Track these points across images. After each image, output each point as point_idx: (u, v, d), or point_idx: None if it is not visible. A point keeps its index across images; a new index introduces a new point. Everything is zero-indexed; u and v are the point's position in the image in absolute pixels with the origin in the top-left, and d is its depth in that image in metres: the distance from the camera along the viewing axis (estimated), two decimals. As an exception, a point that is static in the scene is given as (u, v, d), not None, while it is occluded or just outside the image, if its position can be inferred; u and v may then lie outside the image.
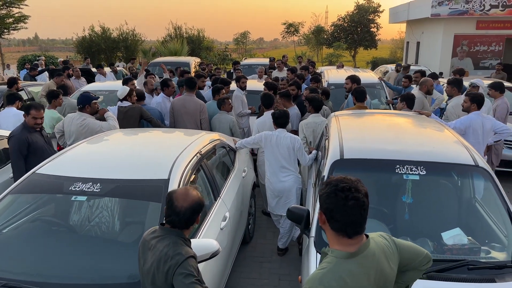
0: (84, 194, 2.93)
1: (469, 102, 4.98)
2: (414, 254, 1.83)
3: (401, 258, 1.78)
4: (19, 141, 4.24)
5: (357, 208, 1.59)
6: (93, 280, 2.48)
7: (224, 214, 3.66)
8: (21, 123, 4.43)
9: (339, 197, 1.59)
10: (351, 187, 1.61)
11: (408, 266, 1.83)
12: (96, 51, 24.37)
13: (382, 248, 1.71)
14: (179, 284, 1.93)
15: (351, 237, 1.63)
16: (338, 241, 1.65)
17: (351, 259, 1.61)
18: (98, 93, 6.34)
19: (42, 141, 4.44)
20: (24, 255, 2.77)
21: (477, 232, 2.98)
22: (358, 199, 1.59)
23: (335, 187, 1.62)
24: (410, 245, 1.85)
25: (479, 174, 3.16)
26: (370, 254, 1.65)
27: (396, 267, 1.75)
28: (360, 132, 4.05)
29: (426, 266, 1.87)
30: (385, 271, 1.68)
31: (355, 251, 1.62)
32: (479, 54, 18.30)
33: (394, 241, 1.80)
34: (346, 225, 1.61)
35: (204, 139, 4.09)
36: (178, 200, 2.08)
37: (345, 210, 1.59)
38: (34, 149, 4.31)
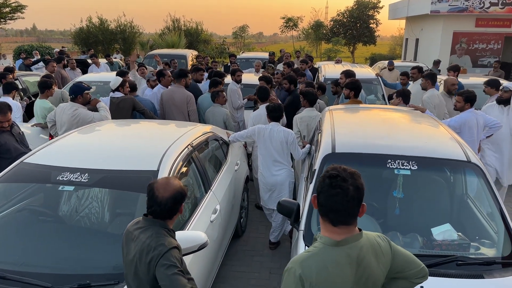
0: (72, 184, 2.89)
1: (463, 102, 4.98)
2: (408, 263, 1.82)
3: (394, 263, 1.78)
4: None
5: (340, 197, 1.60)
6: (77, 270, 2.45)
7: (215, 207, 3.63)
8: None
9: (326, 183, 1.64)
10: (338, 175, 1.63)
11: (400, 273, 1.82)
12: (94, 43, 24.23)
13: (372, 245, 1.71)
14: (161, 275, 1.90)
15: (335, 225, 1.65)
16: (326, 227, 1.68)
17: (336, 247, 1.64)
18: (91, 84, 6.28)
19: (12, 141, 4.12)
20: (10, 244, 2.74)
21: (467, 228, 2.97)
22: (342, 188, 1.61)
23: (326, 173, 1.67)
24: (407, 254, 1.84)
25: (471, 170, 3.14)
26: (358, 247, 1.66)
27: (385, 269, 1.75)
28: (353, 126, 4.02)
29: (419, 280, 1.86)
30: (371, 267, 1.68)
31: (341, 240, 1.64)
32: (478, 52, 18.26)
33: (390, 244, 1.80)
34: (328, 211, 1.64)
35: (196, 132, 4.05)
36: (159, 190, 2.05)
37: (328, 195, 1.63)
38: (4, 150, 4.00)
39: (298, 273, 1.60)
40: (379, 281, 1.73)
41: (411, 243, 2.82)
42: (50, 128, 4.92)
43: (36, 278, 2.35)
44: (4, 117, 4.08)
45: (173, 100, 5.77)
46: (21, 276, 2.37)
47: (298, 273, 1.60)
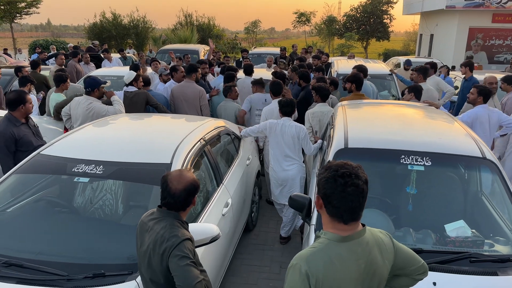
0: (87, 176, 2.94)
1: (476, 94, 4.92)
2: (410, 260, 1.81)
3: (396, 259, 1.76)
4: (5, 138, 3.87)
5: (356, 195, 1.57)
6: (92, 260, 2.50)
7: (227, 201, 3.66)
8: (5, 117, 4.03)
9: (339, 183, 1.57)
10: (351, 173, 1.58)
11: (402, 270, 1.81)
12: (107, 38, 24.47)
13: (377, 240, 1.69)
14: (174, 266, 1.93)
15: (346, 223, 1.61)
16: (333, 225, 1.64)
17: (343, 242, 1.60)
18: (105, 78, 6.35)
19: (29, 134, 4.06)
20: (27, 234, 2.80)
21: (481, 225, 2.93)
22: (358, 186, 1.57)
23: (335, 172, 1.59)
24: (408, 250, 1.83)
25: (486, 167, 3.10)
26: (364, 242, 1.63)
27: (389, 265, 1.73)
28: (366, 121, 4.00)
29: (420, 276, 1.85)
30: (377, 262, 1.66)
31: (347, 235, 1.61)
32: (494, 48, 17.95)
33: (392, 240, 1.78)
34: (343, 211, 1.59)
35: (209, 126, 4.07)
36: (172, 182, 2.07)
37: (343, 196, 1.56)
38: (22, 144, 3.95)
39: (304, 269, 1.56)
40: (385, 277, 1.71)
41: (424, 239, 2.81)
42: (65, 122, 5.00)
43: (52, 267, 2.41)
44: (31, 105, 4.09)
45: (184, 96, 5.79)
46: (38, 264, 2.42)
47: (304, 270, 1.56)
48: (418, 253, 2.55)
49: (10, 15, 24.93)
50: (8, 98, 4.03)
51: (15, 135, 3.92)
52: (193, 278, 1.90)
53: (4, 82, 7.64)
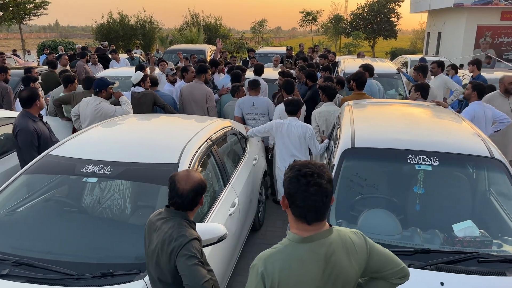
0: (95, 176, 2.97)
1: (471, 90, 5.05)
2: (386, 262, 1.72)
3: (370, 261, 1.69)
4: (30, 133, 3.97)
5: (319, 195, 1.54)
6: (100, 259, 2.53)
7: (233, 201, 3.67)
8: (21, 115, 4.11)
9: (301, 183, 1.55)
10: (313, 173, 1.55)
11: (377, 273, 1.73)
12: (114, 38, 24.62)
13: (344, 242, 1.64)
14: (182, 265, 1.94)
15: (310, 224, 1.58)
16: (297, 226, 1.61)
17: (303, 244, 1.57)
18: (113, 79, 6.41)
19: (47, 131, 4.21)
20: (37, 234, 2.84)
21: (490, 225, 2.91)
22: (321, 185, 1.54)
23: (298, 172, 1.57)
24: (386, 252, 1.75)
25: (494, 166, 3.07)
26: (326, 243, 1.59)
27: (359, 268, 1.66)
28: (373, 121, 3.98)
29: (399, 280, 1.75)
30: (341, 265, 1.61)
31: (307, 236, 1.58)
32: (503, 46, 17.76)
33: (366, 242, 1.71)
34: (307, 211, 1.56)
35: (215, 126, 4.09)
36: (180, 182, 2.09)
37: (306, 196, 1.54)
38: (43, 139, 4.08)
39: (260, 270, 1.55)
40: (351, 280, 1.64)
41: (432, 239, 2.80)
42: (74, 122, 5.05)
43: (61, 266, 2.44)
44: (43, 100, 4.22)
45: (192, 96, 5.82)
46: (47, 264, 2.45)
47: (260, 270, 1.55)
48: (426, 253, 2.58)
49: (19, 17, 25.19)
50: (23, 96, 4.12)
51: (37, 130, 4.04)
52: (201, 278, 1.91)
53: (13, 83, 7.74)
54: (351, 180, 3.21)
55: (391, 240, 2.79)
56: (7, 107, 5.98)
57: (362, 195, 3.14)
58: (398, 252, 2.59)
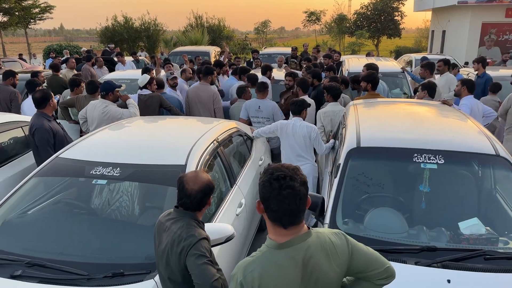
0: (104, 178, 3.02)
1: (460, 86, 5.24)
2: (370, 263, 1.69)
3: (353, 261, 1.67)
4: (47, 132, 4.14)
5: (292, 197, 1.53)
6: (111, 259, 2.57)
7: (240, 201, 3.71)
8: (36, 115, 4.28)
9: (274, 186, 1.53)
10: (286, 176, 1.54)
11: (361, 274, 1.71)
12: (119, 41, 24.79)
13: (322, 244, 1.61)
14: (192, 264, 1.98)
15: (286, 228, 1.56)
16: (274, 230, 1.59)
17: (280, 250, 1.56)
18: (120, 82, 6.48)
19: (61, 130, 4.39)
20: (48, 235, 2.89)
21: (496, 222, 2.93)
22: (293, 188, 1.53)
23: (270, 176, 1.56)
24: (370, 252, 1.71)
25: (499, 164, 3.09)
26: (304, 247, 1.57)
27: (341, 269, 1.65)
28: (378, 120, 4.00)
29: (383, 281, 1.72)
30: (321, 268, 1.59)
31: (283, 242, 1.56)
32: (508, 43, 17.66)
33: (348, 242, 1.69)
34: (282, 215, 1.55)
35: (221, 127, 4.13)
36: (188, 183, 2.13)
37: (279, 199, 1.53)
38: (59, 138, 4.25)
39: (239, 280, 1.54)
40: (333, 282, 1.63)
41: (438, 237, 2.81)
42: (82, 125, 5.11)
43: (73, 266, 2.48)
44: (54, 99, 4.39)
45: (199, 98, 5.87)
46: (59, 264, 2.50)
47: (240, 280, 1.54)
48: (432, 251, 2.60)
49: (24, 21, 25.45)
50: (36, 97, 4.31)
51: (52, 129, 4.22)
52: (210, 276, 1.95)
53: (20, 87, 7.84)
54: (356, 179, 3.24)
55: (397, 238, 2.81)
56: (15, 111, 6.07)
57: (368, 194, 3.16)
58: (405, 250, 2.63)
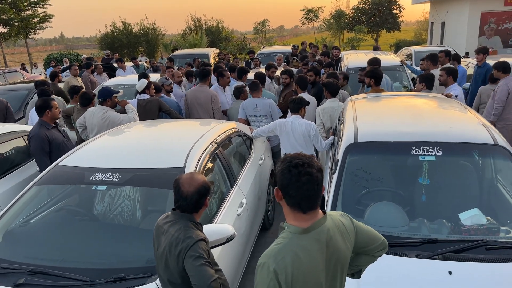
0: (104, 184, 3.04)
1: (445, 76, 5.36)
2: (370, 239, 1.86)
3: (358, 239, 1.81)
4: (40, 139, 4.27)
5: (311, 183, 1.61)
6: (113, 264, 2.59)
7: (241, 201, 3.71)
8: (38, 122, 4.43)
9: (293, 173, 1.61)
10: (304, 163, 1.63)
11: (363, 249, 1.86)
12: (119, 47, 24.90)
13: (337, 226, 1.73)
14: (190, 266, 1.99)
15: (305, 212, 1.65)
16: (294, 216, 1.67)
17: (305, 234, 1.64)
18: (118, 87, 6.51)
19: (61, 137, 4.48)
20: (50, 242, 2.92)
21: (496, 212, 2.91)
22: (311, 174, 1.61)
23: (289, 163, 1.64)
24: (369, 229, 1.88)
25: (498, 154, 3.07)
26: (325, 230, 1.67)
27: (351, 247, 1.78)
28: (376, 115, 3.99)
29: (380, 252, 1.91)
30: (340, 248, 1.70)
31: (308, 226, 1.65)
32: (508, 31, 17.52)
33: (353, 222, 1.82)
34: (300, 200, 1.62)
35: (220, 128, 4.14)
36: (184, 185, 2.14)
37: (298, 185, 1.60)
38: (55, 145, 4.35)
39: (272, 267, 1.57)
40: (347, 259, 1.76)
41: (439, 229, 2.81)
42: (80, 133, 5.14)
43: (75, 273, 2.50)
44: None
45: (197, 100, 5.89)
46: (62, 271, 2.52)
47: (273, 268, 1.57)
48: (433, 243, 2.60)
49: (24, 31, 25.61)
50: (36, 105, 4.48)
51: (48, 137, 4.34)
52: (208, 277, 1.96)
53: (22, 96, 7.94)
54: (355, 174, 3.24)
55: (398, 232, 2.81)
56: (12, 120, 6.17)
57: (368, 189, 3.16)
58: (406, 244, 2.63)
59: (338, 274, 1.73)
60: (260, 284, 1.60)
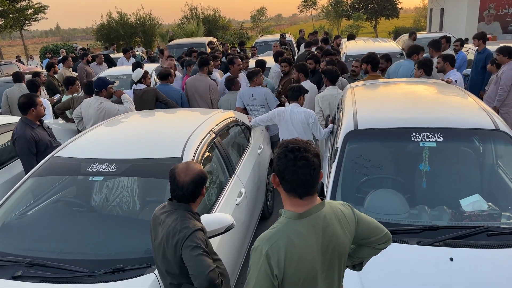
0: (101, 175, 3.00)
1: (442, 62, 5.33)
2: (372, 230, 1.83)
3: (359, 229, 1.79)
4: (26, 140, 4.02)
5: (307, 168, 1.59)
6: (111, 256, 2.56)
7: (240, 190, 3.68)
8: (21, 121, 4.16)
9: (289, 158, 1.61)
10: (300, 147, 1.62)
11: (365, 240, 1.84)
12: (115, 37, 24.63)
13: (336, 214, 1.71)
14: (187, 256, 1.96)
15: (302, 198, 1.64)
16: (291, 202, 1.66)
17: (300, 219, 1.63)
18: (115, 78, 6.44)
19: (46, 136, 4.24)
20: (48, 234, 2.89)
21: (498, 198, 2.88)
22: (307, 159, 1.60)
23: (285, 148, 1.64)
24: (371, 220, 1.85)
25: (500, 139, 3.04)
26: (321, 216, 1.65)
27: (351, 236, 1.76)
28: (375, 102, 3.95)
29: (383, 245, 1.87)
30: (337, 235, 1.68)
31: (303, 211, 1.63)
32: (508, 17, 17.35)
33: (354, 211, 1.80)
34: (296, 185, 1.61)
35: (218, 118, 4.09)
36: (179, 175, 2.10)
37: (295, 170, 1.59)
38: (42, 145, 4.12)
39: (264, 251, 1.58)
40: (346, 249, 1.73)
41: (440, 216, 2.78)
42: (77, 124, 5.09)
43: (74, 264, 2.47)
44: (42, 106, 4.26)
45: (196, 89, 5.82)
46: (60, 263, 2.49)
47: (265, 251, 1.58)
48: (434, 229, 2.57)
49: (19, 23, 25.33)
50: (19, 102, 4.19)
51: (35, 137, 4.07)
52: (206, 267, 1.93)
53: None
54: (355, 162, 3.20)
55: (399, 219, 2.78)
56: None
57: (367, 177, 3.13)
58: (407, 231, 2.61)
59: (336, 262, 1.70)
60: (253, 267, 1.60)
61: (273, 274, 1.56)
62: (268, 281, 1.56)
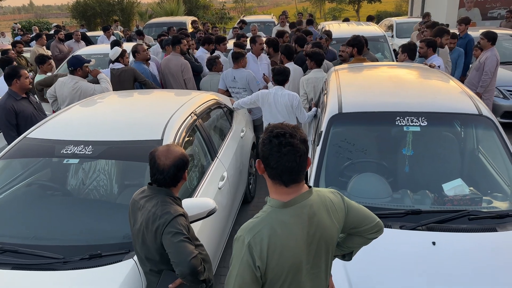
0: (76, 157, 2.87)
1: (425, 48, 5.25)
2: (363, 219, 1.75)
3: (348, 217, 1.72)
4: (5, 111, 4.04)
5: (292, 154, 1.51)
6: (88, 241, 2.47)
7: (222, 174, 3.61)
8: (6, 92, 4.17)
9: (273, 143, 1.53)
10: (285, 133, 1.53)
11: (355, 229, 1.76)
12: (92, 15, 23.77)
13: (324, 202, 1.64)
14: (168, 242, 1.89)
15: (287, 186, 1.56)
16: (276, 190, 1.59)
17: (284, 208, 1.56)
18: (92, 57, 6.19)
19: (30, 108, 4.21)
20: (20, 219, 2.76)
21: (479, 182, 2.91)
22: (293, 145, 1.52)
23: (270, 133, 1.55)
24: (361, 208, 1.77)
25: (482, 124, 3.05)
26: (307, 205, 1.58)
27: (340, 225, 1.69)
28: (360, 85, 3.90)
29: (374, 235, 1.80)
30: (325, 224, 1.61)
31: (289, 200, 1.56)
32: (487, 3, 17.52)
33: (343, 199, 1.73)
34: (281, 172, 1.53)
35: (199, 99, 3.97)
36: (160, 158, 2.01)
37: (279, 156, 1.52)
38: (23, 117, 4.10)
39: (247, 241, 1.52)
40: (333, 239, 1.67)
41: (422, 200, 2.79)
42: (51, 104, 4.87)
43: (48, 250, 2.37)
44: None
45: (169, 69, 5.66)
46: (33, 249, 2.38)
47: (247, 241, 1.52)
48: (417, 214, 2.58)
49: (-11, -3, 24.14)
50: (4, 73, 4.21)
51: (15, 108, 4.08)
52: (188, 254, 1.87)
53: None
54: (339, 146, 3.17)
55: (381, 203, 2.78)
56: None
57: (351, 161, 3.10)
58: (389, 215, 2.60)
59: (323, 252, 1.64)
60: (235, 257, 1.55)
61: (255, 265, 1.50)
62: (250, 273, 1.50)
